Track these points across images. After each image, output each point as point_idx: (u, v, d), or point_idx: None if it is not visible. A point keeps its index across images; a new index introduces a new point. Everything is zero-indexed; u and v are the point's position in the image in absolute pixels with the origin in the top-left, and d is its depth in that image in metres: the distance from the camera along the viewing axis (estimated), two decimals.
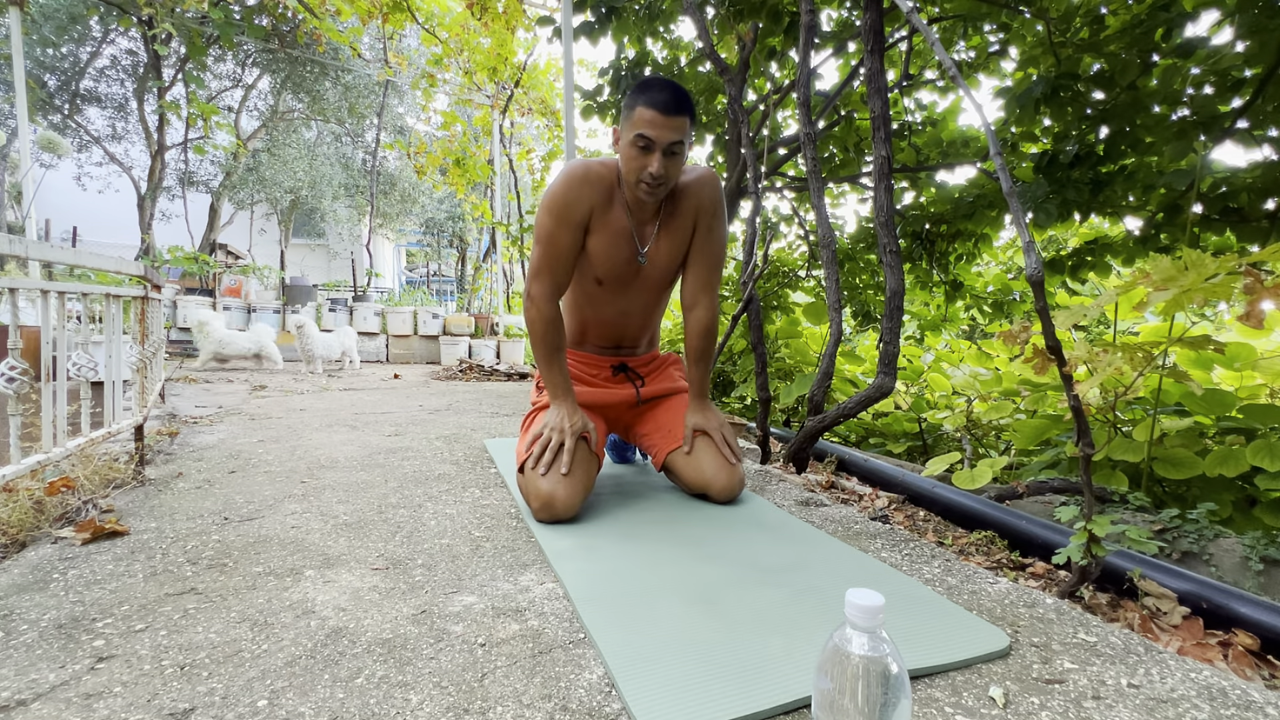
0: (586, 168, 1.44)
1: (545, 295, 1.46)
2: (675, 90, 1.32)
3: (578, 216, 1.44)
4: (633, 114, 1.33)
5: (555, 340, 1.46)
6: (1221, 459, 1.89)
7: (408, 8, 6.02)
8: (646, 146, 1.33)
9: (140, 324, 1.90)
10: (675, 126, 1.32)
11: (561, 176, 1.44)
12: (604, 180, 1.45)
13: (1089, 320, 1.44)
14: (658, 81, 1.33)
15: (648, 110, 1.31)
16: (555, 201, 1.43)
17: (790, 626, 0.93)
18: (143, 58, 8.46)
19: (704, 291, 1.59)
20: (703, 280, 1.59)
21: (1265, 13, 2.04)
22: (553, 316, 1.46)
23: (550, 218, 1.44)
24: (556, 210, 1.43)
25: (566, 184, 1.42)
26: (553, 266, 1.46)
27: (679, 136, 1.33)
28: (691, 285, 1.60)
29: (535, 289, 1.46)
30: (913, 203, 3.86)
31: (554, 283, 1.47)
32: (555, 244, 1.45)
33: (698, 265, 1.58)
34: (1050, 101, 2.49)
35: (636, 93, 1.34)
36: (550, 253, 1.45)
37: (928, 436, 3.77)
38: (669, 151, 1.34)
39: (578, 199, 1.43)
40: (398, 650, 0.86)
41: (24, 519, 1.28)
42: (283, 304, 6.59)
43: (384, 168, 11.32)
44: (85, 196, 9.99)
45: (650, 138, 1.32)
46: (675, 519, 1.43)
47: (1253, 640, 1.17)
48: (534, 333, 1.46)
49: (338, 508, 1.48)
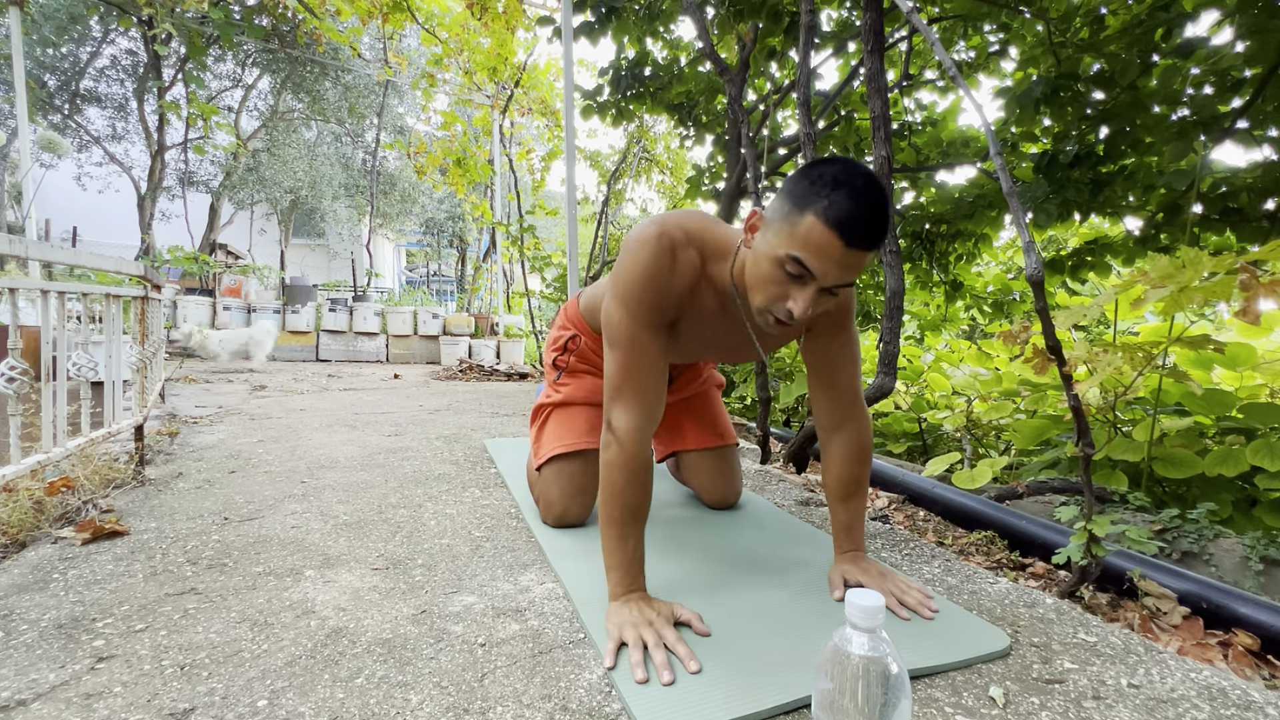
0: (674, 245, 1.00)
1: (634, 428, 0.98)
2: (875, 206, 0.82)
3: (667, 313, 1.02)
4: (799, 221, 0.83)
5: (637, 500, 0.97)
6: (1221, 459, 1.89)
7: (408, 8, 6.02)
8: (800, 277, 0.85)
9: (140, 324, 1.90)
10: (854, 264, 0.84)
11: (645, 254, 0.98)
12: (694, 268, 1.02)
13: (1089, 320, 1.44)
14: (851, 180, 0.82)
15: (825, 228, 0.81)
16: (635, 291, 0.99)
17: (790, 626, 0.93)
18: (143, 58, 8.46)
19: (853, 405, 1.14)
20: (850, 390, 1.14)
21: (1265, 13, 2.04)
22: (642, 462, 0.98)
23: (630, 315, 0.99)
24: (638, 304, 0.99)
25: (655, 266, 0.98)
26: (639, 385, 0.99)
27: (852, 278, 0.86)
28: (830, 398, 1.14)
29: (619, 419, 0.99)
30: (913, 203, 3.86)
31: (643, 408, 0.99)
32: (642, 353, 1.00)
33: (842, 372, 1.13)
34: (1050, 101, 2.49)
35: (816, 185, 0.83)
36: (633, 365, 0.99)
37: (928, 436, 3.77)
38: (831, 291, 0.87)
39: (668, 290, 1.00)
40: (398, 650, 0.86)
41: (24, 519, 1.28)
42: (283, 304, 6.58)
43: (384, 168, 11.33)
44: (85, 196, 9.99)
45: (811, 270, 0.84)
46: (675, 519, 1.43)
47: (1253, 640, 1.17)
48: (609, 483, 0.97)
49: (338, 508, 1.48)
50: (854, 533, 1.14)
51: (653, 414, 1.01)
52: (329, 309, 6.68)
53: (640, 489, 0.98)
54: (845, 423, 1.14)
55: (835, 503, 1.15)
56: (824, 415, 1.15)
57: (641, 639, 0.87)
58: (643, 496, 0.98)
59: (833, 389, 1.14)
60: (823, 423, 1.16)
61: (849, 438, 1.13)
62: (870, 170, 0.85)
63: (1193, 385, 1.39)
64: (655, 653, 0.84)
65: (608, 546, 0.98)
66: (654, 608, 0.93)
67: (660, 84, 3.70)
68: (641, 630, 0.88)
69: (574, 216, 3.82)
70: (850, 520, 1.14)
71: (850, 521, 1.14)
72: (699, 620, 0.94)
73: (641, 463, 0.98)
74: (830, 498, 1.16)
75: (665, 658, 0.83)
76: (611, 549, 0.97)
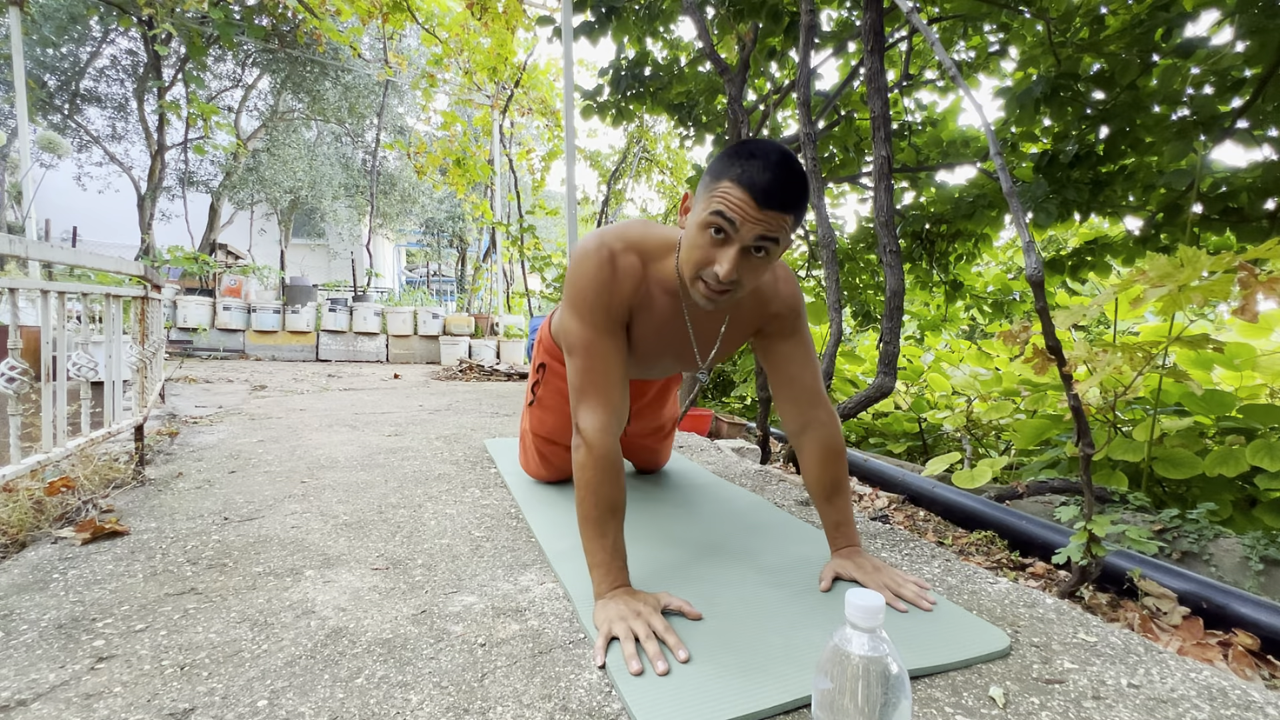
0: (613, 254, 1.04)
1: (600, 427, 1.01)
2: (785, 173, 0.88)
3: (619, 315, 1.06)
4: (716, 185, 0.91)
5: (612, 496, 0.99)
6: (1221, 459, 1.89)
7: (408, 8, 6.02)
8: (721, 234, 0.91)
9: (140, 324, 1.90)
10: (770, 223, 0.89)
11: (589, 265, 1.04)
12: (635, 272, 1.06)
13: (1089, 320, 1.44)
14: (764, 151, 0.89)
15: (738, 188, 0.88)
16: (585, 300, 1.04)
17: (790, 626, 0.93)
18: (143, 58, 8.47)
19: (815, 405, 1.15)
20: (811, 389, 1.16)
21: (1265, 13, 2.04)
22: (611, 459, 1.00)
23: (583, 323, 1.04)
24: (589, 311, 1.04)
25: (598, 275, 1.03)
26: (601, 384, 1.03)
27: (771, 232, 0.90)
28: (791, 399, 1.16)
29: (585, 420, 1.02)
30: (913, 203, 3.86)
31: (608, 407, 1.02)
32: (599, 355, 1.04)
33: (799, 373, 1.16)
34: (1050, 101, 2.49)
35: (731, 158, 0.91)
36: (593, 367, 1.04)
37: (928, 436, 3.77)
38: (753, 248, 0.91)
39: (615, 296, 1.05)
40: (398, 650, 0.86)
41: (24, 519, 1.28)
42: (282, 304, 6.59)
43: (384, 168, 11.33)
44: (85, 196, 9.99)
45: (730, 223, 0.89)
46: (675, 519, 1.43)
47: (1253, 640, 1.17)
48: (583, 483, 1.00)
49: (338, 508, 1.48)
50: (845, 529, 1.14)
51: (618, 411, 1.04)
52: (329, 309, 6.68)
53: (613, 485, 0.99)
54: (811, 424, 1.15)
55: (820, 502, 1.16)
56: (789, 418, 1.17)
57: (632, 631, 0.87)
58: (616, 492, 1.00)
59: (793, 389, 1.16)
60: (790, 426, 1.18)
61: (817, 439, 1.15)
62: (785, 147, 0.92)
63: (1193, 385, 1.39)
64: (648, 644, 0.85)
65: (588, 545, 0.99)
66: (640, 599, 0.94)
67: (660, 84, 3.70)
68: (631, 623, 0.88)
69: (574, 216, 3.82)
70: (839, 517, 1.15)
71: (839, 518, 1.15)
72: (689, 605, 0.96)
73: (611, 460, 1.00)
74: (814, 499, 1.17)
75: (658, 648, 0.84)
76: (592, 547, 0.99)
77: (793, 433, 1.17)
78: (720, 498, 1.61)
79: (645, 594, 0.96)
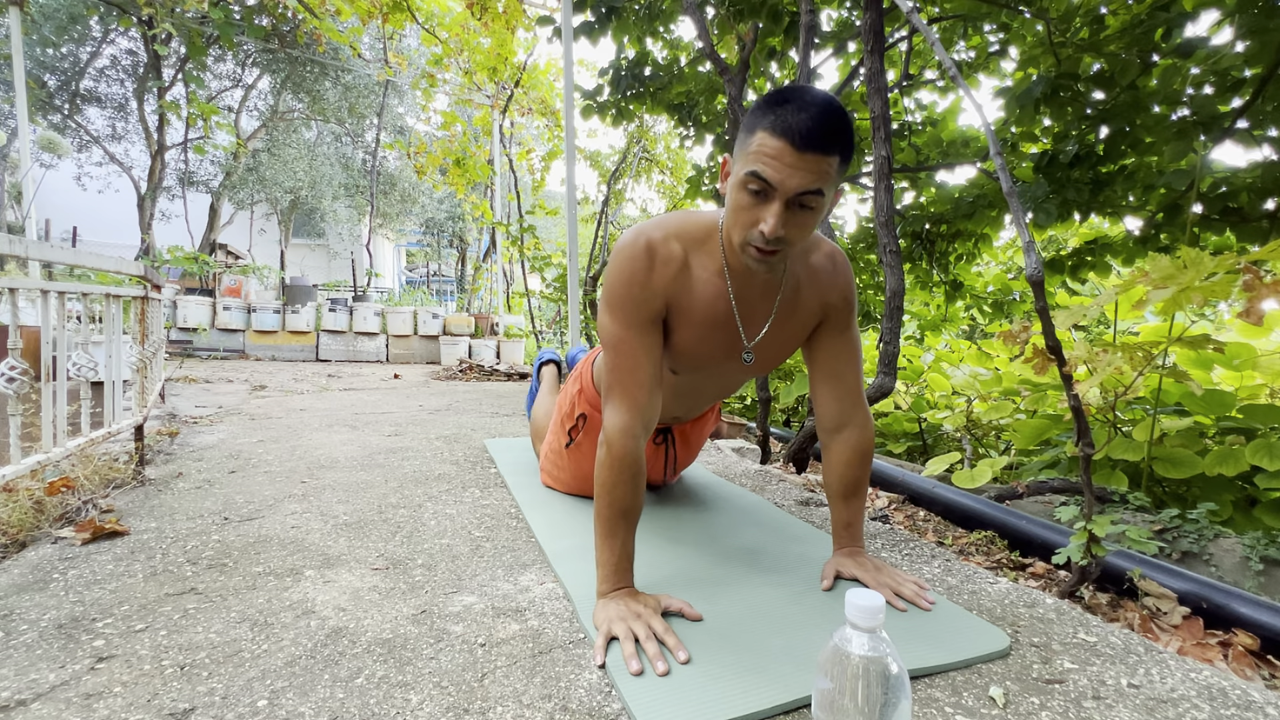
0: (650, 244, 1.01)
1: (622, 428, 0.98)
2: (824, 111, 0.82)
3: (652, 311, 1.02)
4: (751, 139, 0.85)
5: (625, 500, 0.97)
6: (1221, 459, 1.89)
7: (408, 8, 6.02)
8: (761, 192, 0.86)
9: (140, 324, 1.90)
10: (812, 168, 0.83)
11: (621, 259, 1.01)
12: (676, 258, 1.02)
13: (1089, 320, 1.44)
14: (798, 96, 0.84)
15: (773, 138, 0.83)
16: (616, 295, 1.01)
17: (790, 626, 0.93)
18: (143, 58, 8.47)
19: (856, 406, 1.13)
20: (852, 390, 1.13)
21: (1265, 13, 2.04)
22: (628, 462, 0.97)
23: (614, 319, 1.01)
24: (619, 307, 1.01)
25: (630, 269, 1.00)
26: (629, 384, 0.99)
27: (815, 184, 0.84)
28: (834, 397, 1.13)
29: (609, 419, 0.99)
30: (913, 203, 3.86)
31: (634, 409, 0.99)
32: (628, 353, 1.00)
33: (845, 371, 1.13)
34: (1050, 101, 2.49)
35: (763, 107, 0.86)
36: (620, 365, 1.00)
37: (928, 436, 3.77)
38: (797, 203, 0.86)
39: (647, 289, 1.01)
40: (398, 650, 0.86)
41: (24, 519, 1.28)
42: (282, 304, 6.59)
43: (384, 168, 11.33)
44: (85, 196, 9.99)
45: (768, 180, 0.84)
46: (675, 520, 1.43)
47: (1253, 640, 1.17)
48: (600, 482, 0.98)
49: (338, 508, 1.48)
50: (853, 529, 1.15)
51: (643, 413, 1.00)
52: (329, 309, 6.68)
53: (628, 488, 0.97)
54: (848, 424, 1.13)
55: (836, 500, 1.16)
56: (827, 415, 1.14)
57: (632, 631, 0.87)
58: (631, 496, 0.98)
59: (836, 387, 1.13)
60: (825, 423, 1.15)
61: (852, 439, 1.13)
62: (823, 90, 0.87)
63: (1193, 385, 1.39)
64: (648, 645, 0.85)
65: (597, 544, 0.99)
66: (641, 601, 0.94)
67: (660, 84, 3.70)
68: (631, 623, 0.88)
69: (574, 216, 3.82)
70: (850, 517, 1.15)
71: (850, 518, 1.15)
72: (689, 606, 0.96)
73: (629, 463, 0.97)
74: (831, 495, 1.16)
75: (658, 649, 0.84)
76: (600, 546, 0.98)
77: (827, 429, 1.15)
78: (720, 498, 1.61)
79: (646, 596, 0.97)
